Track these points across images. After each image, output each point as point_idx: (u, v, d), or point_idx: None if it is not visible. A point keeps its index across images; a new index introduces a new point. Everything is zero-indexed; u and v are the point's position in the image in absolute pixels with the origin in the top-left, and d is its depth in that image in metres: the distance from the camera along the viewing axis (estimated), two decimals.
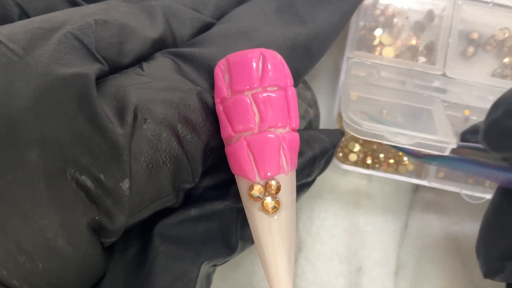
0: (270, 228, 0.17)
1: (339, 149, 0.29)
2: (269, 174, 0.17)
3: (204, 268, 0.19)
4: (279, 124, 0.17)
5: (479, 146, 0.21)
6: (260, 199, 0.17)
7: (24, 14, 0.19)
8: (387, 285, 0.29)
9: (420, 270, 0.29)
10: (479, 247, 0.22)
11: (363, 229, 0.29)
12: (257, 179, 0.17)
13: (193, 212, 0.19)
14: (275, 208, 0.17)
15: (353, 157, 0.29)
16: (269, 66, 0.17)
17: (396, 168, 0.29)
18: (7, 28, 0.16)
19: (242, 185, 0.18)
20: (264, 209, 0.17)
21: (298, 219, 0.29)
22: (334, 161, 0.28)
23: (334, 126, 0.28)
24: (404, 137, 0.25)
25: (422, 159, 0.25)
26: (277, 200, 0.17)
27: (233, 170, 0.18)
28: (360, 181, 0.30)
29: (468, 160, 0.23)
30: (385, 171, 0.29)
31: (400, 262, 0.29)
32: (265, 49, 0.17)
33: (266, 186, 0.17)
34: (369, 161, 0.29)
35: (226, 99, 0.17)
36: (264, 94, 0.17)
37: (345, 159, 0.29)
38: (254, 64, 0.17)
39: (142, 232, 0.19)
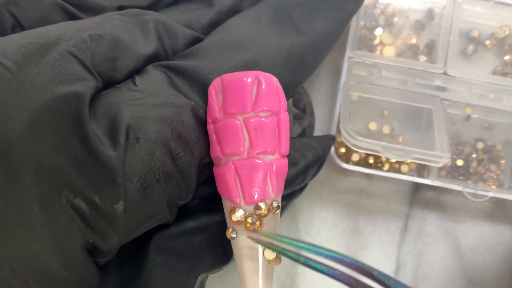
0: (250, 250, 0.17)
1: (341, 149, 0.29)
2: (254, 199, 0.17)
3: (199, 278, 0.19)
4: (269, 150, 0.17)
5: None
6: (240, 222, 0.17)
7: (18, 24, 0.19)
8: None
9: (420, 270, 0.29)
10: None
11: (363, 229, 0.29)
12: (242, 203, 0.17)
13: (190, 224, 0.19)
14: (258, 227, 0.17)
15: (355, 157, 0.29)
16: (263, 91, 0.17)
17: (399, 167, 0.29)
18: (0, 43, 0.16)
19: (226, 205, 0.18)
20: (246, 228, 0.17)
21: (298, 219, 0.29)
22: (336, 160, 0.28)
23: (335, 127, 0.28)
24: (400, 152, 0.25)
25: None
26: (259, 222, 0.17)
27: (219, 191, 0.18)
28: (360, 181, 0.30)
29: None
30: (388, 170, 0.29)
31: (400, 262, 0.29)
32: (261, 72, 0.17)
33: (249, 211, 0.17)
34: (371, 161, 0.29)
35: (218, 120, 0.17)
36: (256, 119, 0.17)
37: (347, 159, 0.29)
38: (248, 88, 0.17)
39: (138, 244, 0.19)
